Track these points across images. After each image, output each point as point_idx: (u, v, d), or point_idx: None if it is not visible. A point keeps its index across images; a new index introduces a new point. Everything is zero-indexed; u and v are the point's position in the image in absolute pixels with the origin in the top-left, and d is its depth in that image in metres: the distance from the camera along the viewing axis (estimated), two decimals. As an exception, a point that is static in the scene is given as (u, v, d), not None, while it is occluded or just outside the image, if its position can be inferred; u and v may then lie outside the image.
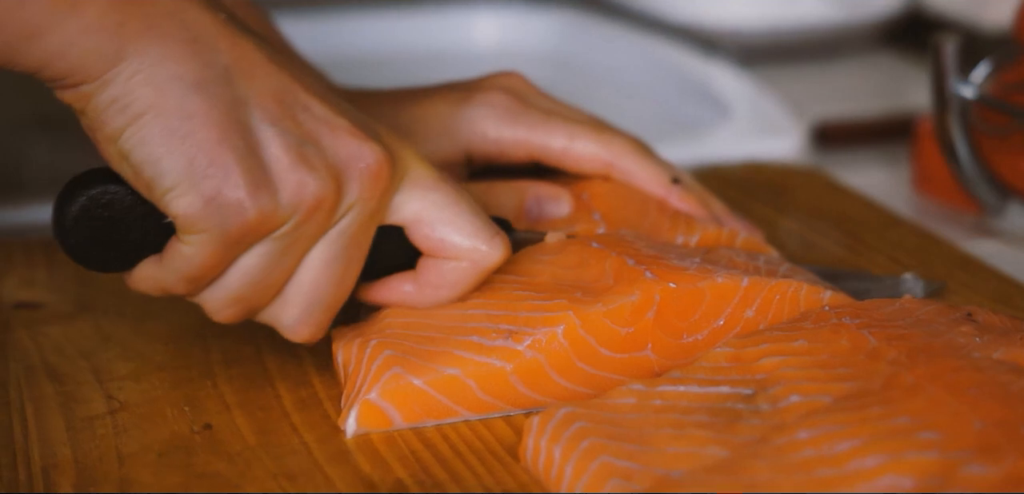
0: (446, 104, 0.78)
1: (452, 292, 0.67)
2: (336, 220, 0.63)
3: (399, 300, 0.68)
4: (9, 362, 0.69)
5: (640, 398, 0.62)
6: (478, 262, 0.66)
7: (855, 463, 0.54)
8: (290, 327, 0.64)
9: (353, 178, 0.63)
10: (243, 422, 0.64)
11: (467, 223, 0.66)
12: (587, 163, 0.78)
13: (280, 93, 0.62)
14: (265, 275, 0.63)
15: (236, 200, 0.60)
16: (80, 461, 0.61)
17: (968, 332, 0.63)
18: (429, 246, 0.66)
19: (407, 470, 0.61)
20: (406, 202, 0.65)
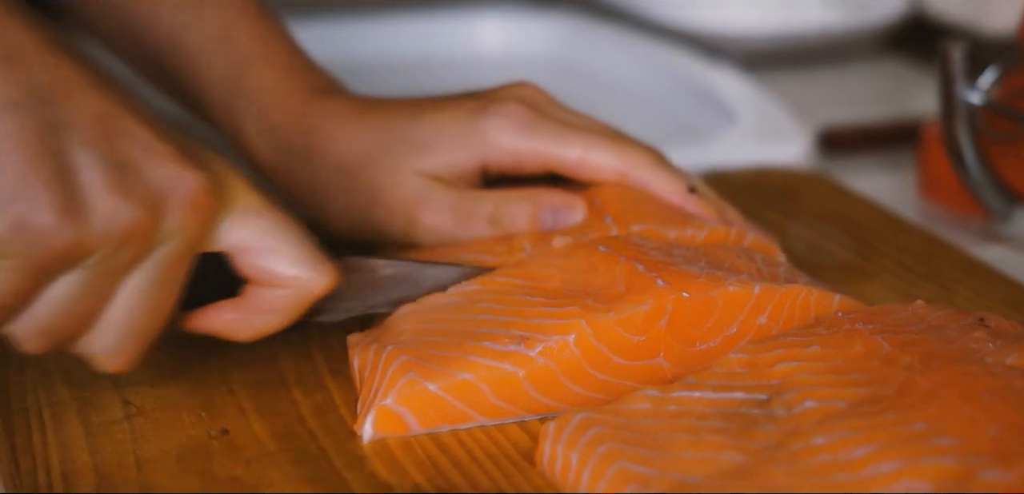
0: (462, 115, 0.79)
1: (277, 319, 0.66)
2: (153, 248, 0.61)
3: (221, 329, 0.66)
4: (25, 368, 0.69)
5: (655, 404, 0.62)
6: (303, 289, 0.65)
7: (872, 468, 0.55)
8: (101, 357, 0.62)
9: (173, 206, 0.61)
10: (260, 427, 0.65)
11: (293, 251, 0.65)
12: (603, 173, 0.78)
13: (100, 116, 0.60)
14: (76, 305, 0.61)
15: (43, 227, 0.58)
16: (99, 466, 0.61)
17: (981, 338, 0.63)
18: (254, 274, 0.65)
19: (424, 475, 0.61)
20: (231, 229, 0.64)
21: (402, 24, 1.32)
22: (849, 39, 1.30)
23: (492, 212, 0.77)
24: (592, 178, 0.78)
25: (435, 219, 0.77)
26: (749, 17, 1.27)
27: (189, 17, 0.82)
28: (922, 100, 1.24)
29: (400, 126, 0.79)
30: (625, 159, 0.78)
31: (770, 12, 1.26)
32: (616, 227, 0.75)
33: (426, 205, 0.77)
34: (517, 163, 0.78)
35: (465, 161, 0.78)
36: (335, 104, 0.80)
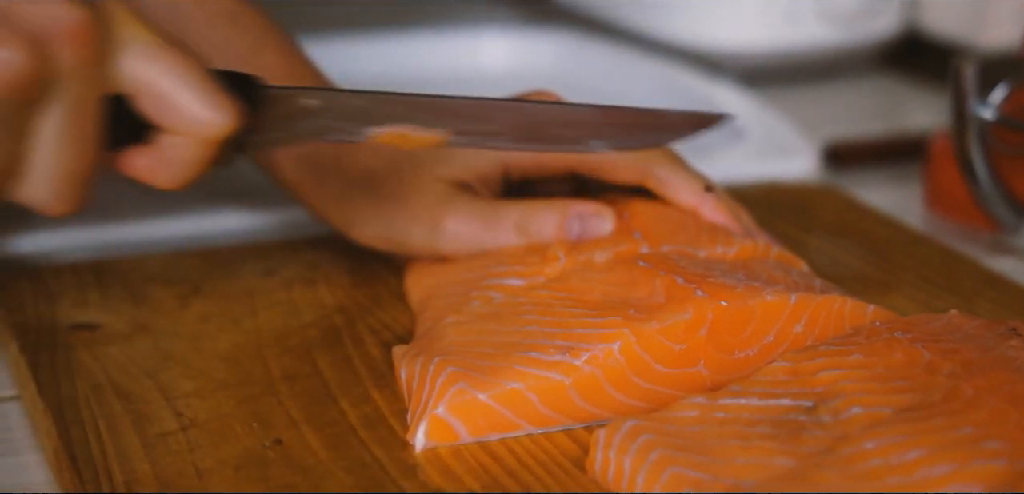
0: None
1: (188, 170, 0.65)
2: (52, 89, 0.60)
3: (139, 174, 0.65)
4: (76, 381, 0.70)
5: (702, 411, 0.64)
6: (206, 134, 0.64)
7: (924, 471, 0.57)
8: (45, 204, 0.62)
9: (55, 42, 0.59)
10: (312, 437, 0.66)
11: (190, 94, 0.63)
12: (623, 172, 0.80)
13: None
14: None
15: None
16: (160, 476, 0.62)
17: (1017, 346, 0.65)
18: (157, 117, 0.64)
19: (478, 482, 0.63)
20: (126, 69, 0.63)
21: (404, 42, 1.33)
22: (846, 55, 1.33)
23: (519, 219, 0.78)
24: (612, 177, 0.80)
25: (460, 226, 0.78)
26: (748, 34, 1.29)
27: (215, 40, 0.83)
28: (919, 115, 1.27)
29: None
30: (644, 158, 0.80)
31: (769, 29, 1.28)
32: (645, 242, 0.77)
33: (450, 212, 0.79)
34: (539, 165, 0.80)
35: (487, 165, 0.80)
36: None
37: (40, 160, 0.62)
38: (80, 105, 0.61)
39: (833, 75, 1.33)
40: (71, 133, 0.61)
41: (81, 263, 0.84)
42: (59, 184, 0.62)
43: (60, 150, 0.62)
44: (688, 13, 1.30)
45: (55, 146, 0.61)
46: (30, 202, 0.62)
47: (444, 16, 1.48)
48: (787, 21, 1.28)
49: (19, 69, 0.59)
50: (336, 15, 1.45)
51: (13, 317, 0.77)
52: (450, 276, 0.78)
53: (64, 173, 0.62)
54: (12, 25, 0.59)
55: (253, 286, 0.81)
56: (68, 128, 0.61)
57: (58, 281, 0.81)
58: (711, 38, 1.29)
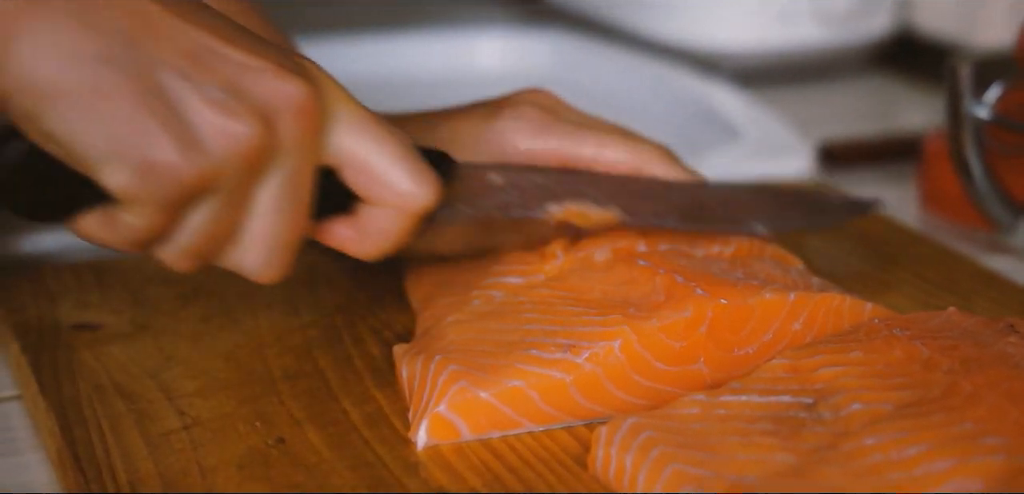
0: (477, 120, 0.80)
1: (391, 241, 0.67)
2: (274, 160, 0.62)
3: (342, 245, 0.68)
4: (78, 381, 0.70)
5: (703, 408, 0.64)
6: (410, 207, 0.66)
7: (925, 467, 0.57)
8: (256, 271, 0.65)
9: (282, 117, 0.62)
10: (315, 436, 0.66)
11: (398, 165, 0.66)
12: (617, 170, 0.80)
13: (190, 48, 0.61)
14: (214, 227, 0.63)
15: (168, 165, 0.60)
16: (164, 474, 0.63)
17: (1015, 343, 0.66)
18: (362, 189, 0.66)
19: (480, 479, 0.63)
20: (336, 141, 0.65)
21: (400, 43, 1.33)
22: (840, 55, 1.33)
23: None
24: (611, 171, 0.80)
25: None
26: (743, 34, 1.29)
27: None
28: (912, 115, 1.27)
29: (417, 135, 0.80)
30: (639, 155, 0.80)
31: (763, 29, 1.29)
32: (643, 242, 0.77)
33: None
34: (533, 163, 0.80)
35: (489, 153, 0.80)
36: None
37: (256, 227, 0.64)
38: (298, 176, 0.63)
39: (827, 75, 1.34)
40: (288, 202, 0.64)
41: (80, 264, 0.84)
42: (272, 251, 0.64)
43: (276, 218, 0.64)
44: (683, 13, 1.31)
45: (271, 215, 0.64)
46: (240, 267, 0.65)
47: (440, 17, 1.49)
48: (781, 21, 1.29)
49: (252, 142, 0.61)
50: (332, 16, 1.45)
51: (14, 317, 0.77)
52: (450, 275, 0.78)
53: (277, 241, 0.64)
54: (245, 99, 0.61)
55: (253, 286, 0.81)
56: (285, 198, 0.63)
57: (58, 282, 0.81)
58: (706, 38, 1.30)
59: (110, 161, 0.59)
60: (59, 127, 0.59)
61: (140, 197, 0.60)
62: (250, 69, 0.61)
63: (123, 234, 0.62)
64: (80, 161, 0.59)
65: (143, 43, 0.60)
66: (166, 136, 0.59)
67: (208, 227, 0.63)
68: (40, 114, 0.59)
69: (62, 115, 0.59)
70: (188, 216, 0.62)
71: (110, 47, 0.59)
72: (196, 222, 0.62)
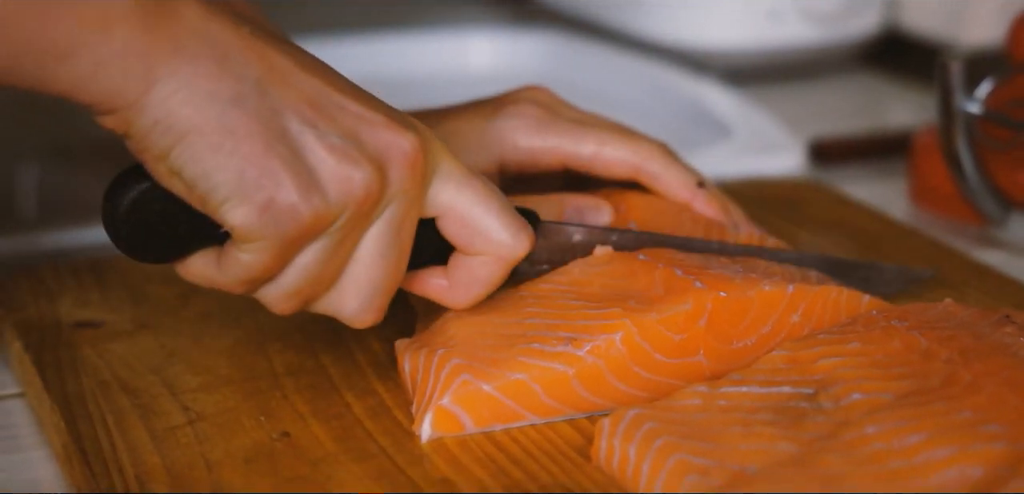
0: (478, 118, 0.81)
1: (483, 289, 0.70)
2: (382, 209, 0.65)
3: (433, 294, 0.70)
4: (81, 378, 0.71)
5: (705, 399, 0.65)
6: (506, 256, 0.69)
7: (926, 454, 0.58)
8: (353, 316, 0.67)
9: (394, 166, 0.65)
10: (319, 430, 0.67)
11: (494, 218, 0.68)
12: (617, 167, 0.81)
13: (313, 97, 0.64)
14: (321, 270, 0.65)
15: (290, 205, 0.62)
16: (170, 468, 0.63)
17: (1012, 333, 0.66)
18: (460, 240, 0.69)
19: (485, 471, 0.63)
20: (438, 193, 0.67)
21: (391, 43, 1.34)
22: (828, 54, 1.34)
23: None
24: (606, 172, 0.81)
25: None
26: (732, 33, 1.30)
27: None
28: (899, 113, 1.28)
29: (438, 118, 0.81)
30: (638, 152, 0.81)
31: (752, 28, 1.30)
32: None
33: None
34: (533, 160, 0.81)
35: (483, 162, 0.81)
36: None
37: (357, 272, 0.66)
38: (403, 224, 0.66)
39: (815, 74, 1.35)
40: (390, 249, 0.66)
41: (79, 263, 0.84)
42: (369, 296, 0.66)
43: (378, 264, 0.66)
44: (672, 13, 1.31)
45: (374, 260, 0.66)
46: (338, 311, 0.67)
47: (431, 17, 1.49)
48: (770, 20, 1.30)
49: (367, 187, 0.64)
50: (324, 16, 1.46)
51: (15, 316, 0.78)
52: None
53: (376, 286, 0.66)
54: (362, 147, 0.64)
55: (252, 283, 0.82)
56: (389, 244, 0.66)
57: (58, 281, 0.82)
58: (694, 37, 1.31)
59: (234, 199, 0.62)
60: (190, 164, 0.62)
61: (260, 234, 0.63)
62: (366, 120, 0.64)
63: (234, 273, 0.64)
64: (205, 198, 0.62)
65: (272, 89, 0.63)
66: (289, 177, 0.62)
67: (315, 269, 0.65)
68: (173, 152, 0.62)
69: (193, 154, 0.62)
70: (298, 257, 0.64)
71: (243, 91, 0.62)
72: (304, 262, 0.64)
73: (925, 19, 1.33)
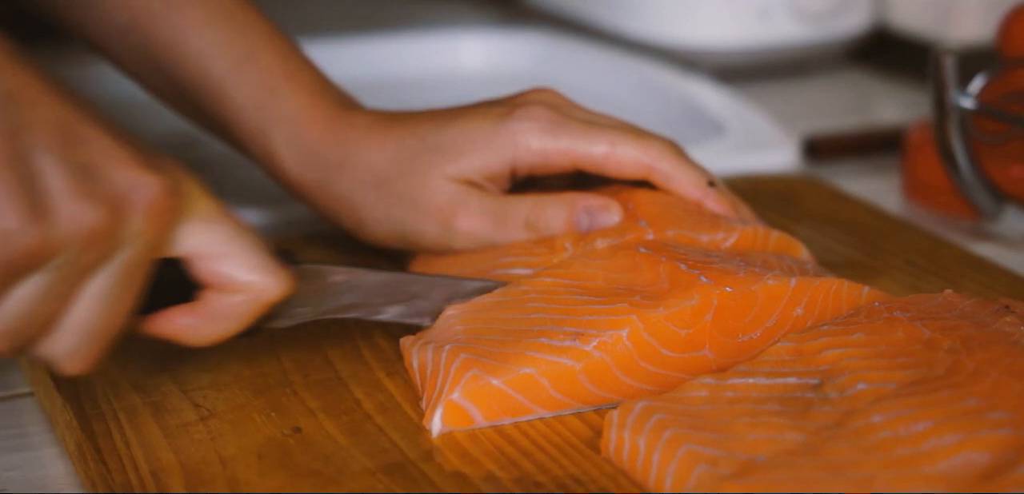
0: (489, 119, 0.81)
1: (231, 325, 0.68)
2: (115, 251, 0.62)
3: (177, 333, 0.67)
4: (92, 377, 0.71)
5: (712, 391, 0.65)
6: (258, 295, 0.67)
7: (933, 442, 0.59)
8: (62, 358, 0.63)
9: (134, 209, 0.62)
10: (330, 425, 0.67)
11: (249, 257, 0.67)
12: (628, 167, 0.81)
13: (61, 123, 0.60)
14: (39, 307, 0.61)
15: (10, 229, 0.58)
16: (184, 464, 0.64)
17: (1013, 322, 0.67)
18: (211, 279, 0.67)
19: (496, 464, 0.64)
20: (190, 234, 0.65)
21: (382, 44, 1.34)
22: (817, 52, 1.35)
23: (528, 215, 0.80)
24: (618, 172, 0.81)
25: (471, 224, 0.80)
26: (723, 31, 1.31)
27: (215, 41, 0.84)
28: (888, 109, 1.30)
29: (430, 134, 0.82)
30: (649, 152, 0.81)
31: (743, 26, 1.31)
32: (651, 230, 0.79)
33: (462, 210, 0.80)
34: (545, 162, 0.81)
35: (495, 163, 0.81)
36: (364, 118, 0.83)
37: (75, 318, 0.62)
38: (131, 269, 0.63)
39: (804, 71, 1.36)
40: (115, 295, 0.63)
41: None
42: (85, 342, 0.63)
43: (100, 309, 0.63)
44: (662, 12, 1.32)
45: (96, 304, 0.62)
46: (49, 355, 0.63)
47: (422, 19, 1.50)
48: (760, 19, 1.31)
49: (97, 225, 0.60)
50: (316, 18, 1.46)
51: (22, 316, 0.78)
52: (456, 267, 0.79)
53: (94, 332, 0.63)
54: (101, 183, 0.61)
55: (257, 282, 0.82)
56: (115, 290, 0.63)
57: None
58: (684, 36, 1.32)
59: None
60: None
61: None
62: (114, 157, 0.61)
63: None
64: None
65: (20, 109, 0.60)
66: (15, 199, 0.58)
67: (32, 306, 0.61)
68: None
69: None
70: (16, 289, 0.60)
71: None
72: (22, 297, 0.60)
73: (913, 17, 1.34)
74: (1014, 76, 0.94)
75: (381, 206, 0.81)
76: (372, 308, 0.73)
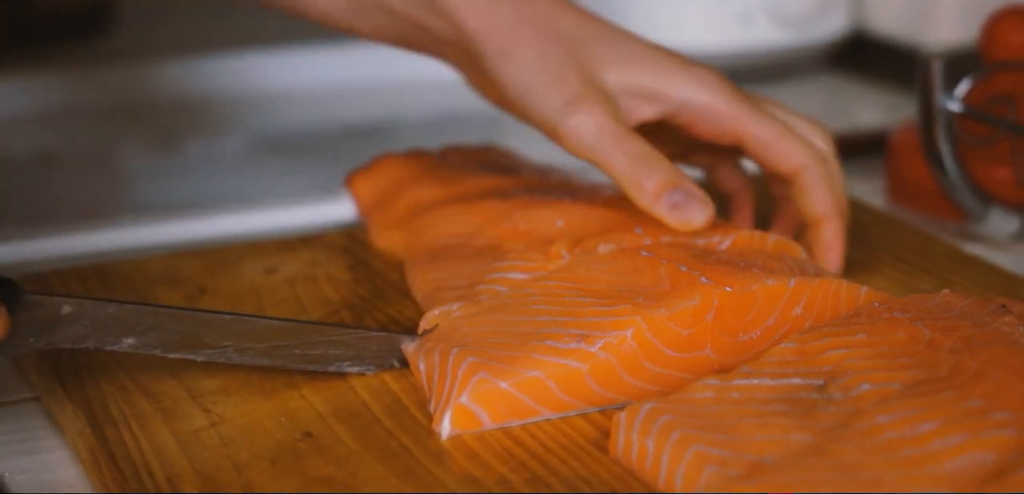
0: (673, 57, 0.82)
1: None
2: None
3: None
4: (101, 383, 0.72)
5: (717, 392, 0.66)
6: None
7: (938, 442, 0.60)
8: None
9: None
10: (340, 429, 0.68)
11: None
12: (783, 162, 0.81)
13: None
14: None
15: None
16: (199, 470, 0.64)
17: (1011, 322, 0.69)
18: None
19: (505, 466, 0.65)
20: None
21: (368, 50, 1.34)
22: (796, 56, 1.37)
23: (639, 154, 0.78)
24: (769, 163, 0.82)
25: (591, 124, 0.79)
26: (703, 36, 1.32)
27: None
28: (867, 112, 1.31)
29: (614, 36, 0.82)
30: (806, 156, 0.82)
31: (723, 31, 1.32)
32: (648, 236, 0.80)
33: (596, 106, 0.79)
34: (706, 121, 0.81)
35: (664, 93, 0.81)
36: None
37: None
38: None
39: (783, 76, 1.37)
40: None
41: (84, 268, 0.85)
42: None
43: None
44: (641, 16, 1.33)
45: None
46: None
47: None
48: (740, 24, 1.32)
49: None
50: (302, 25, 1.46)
51: (25, 322, 0.78)
52: (454, 270, 0.80)
53: None
54: None
55: (258, 284, 0.83)
56: None
57: (64, 285, 0.83)
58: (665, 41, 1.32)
59: None
60: None
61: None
62: None
63: None
64: None
65: None
66: None
67: None
68: None
69: None
70: None
71: None
72: None
73: (891, 21, 1.35)
74: (998, 79, 0.95)
75: (530, 50, 0.80)
76: (105, 339, 0.70)
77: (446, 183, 0.91)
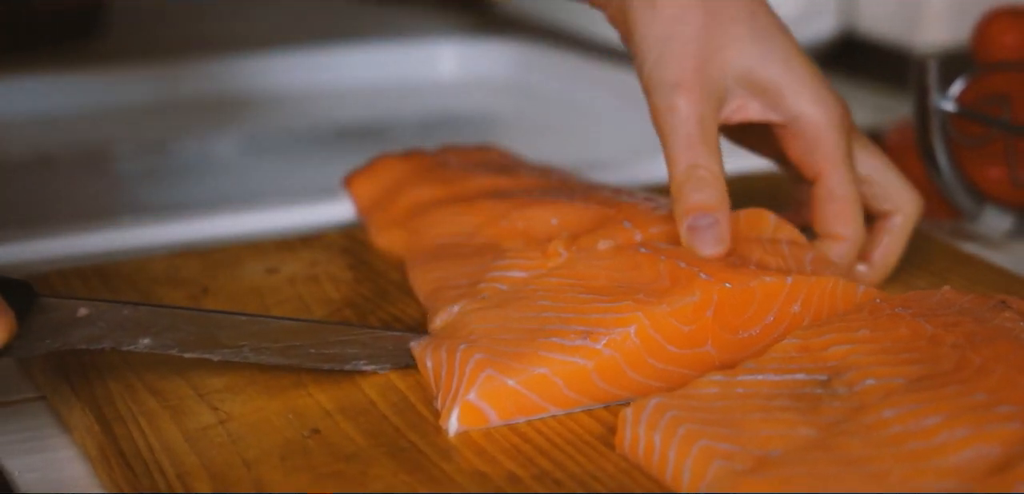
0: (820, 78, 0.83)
1: None
2: None
3: None
4: (108, 381, 0.72)
5: (722, 387, 0.67)
6: None
7: (944, 435, 0.61)
8: None
9: None
10: (348, 426, 0.68)
11: None
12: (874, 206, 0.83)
13: None
14: None
15: None
16: (209, 467, 0.64)
17: (1011, 318, 0.69)
18: None
19: (513, 461, 0.65)
20: None
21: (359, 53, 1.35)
22: (787, 57, 1.37)
23: (700, 166, 0.78)
24: (829, 226, 0.81)
25: (684, 107, 0.78)
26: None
27: None
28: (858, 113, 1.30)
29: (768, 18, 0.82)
30: (905, 203, 0.83)
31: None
32: (638, 231, 0.80)
33: (698, 91, 0.78)
34: (801, 147, 0.81)
35: (781, 103, 0.81)
36: None
37: None
38: None
39: (774, 76, 1.38)
40: None
41: (86, 269, 0.85)
42: None
43: None
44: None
45: None
46: None
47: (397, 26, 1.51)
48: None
49: None
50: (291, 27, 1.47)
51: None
52: (455, 269, 0.81)
53: None
54: None
55: (259, 284, 0.84)
56: None
57: (66, 286, 0.83)
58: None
59: None
60: None
61: None
62: None
63: None
64: None
65: None
66: None
67: None
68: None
69: None
70: None
71: None
72: None
73: (881, 21, 1.36)
74: (991, 79, 0.96)
75: (670, 13, 0.79)
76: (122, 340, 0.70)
77: (444, 183, 0.92)
